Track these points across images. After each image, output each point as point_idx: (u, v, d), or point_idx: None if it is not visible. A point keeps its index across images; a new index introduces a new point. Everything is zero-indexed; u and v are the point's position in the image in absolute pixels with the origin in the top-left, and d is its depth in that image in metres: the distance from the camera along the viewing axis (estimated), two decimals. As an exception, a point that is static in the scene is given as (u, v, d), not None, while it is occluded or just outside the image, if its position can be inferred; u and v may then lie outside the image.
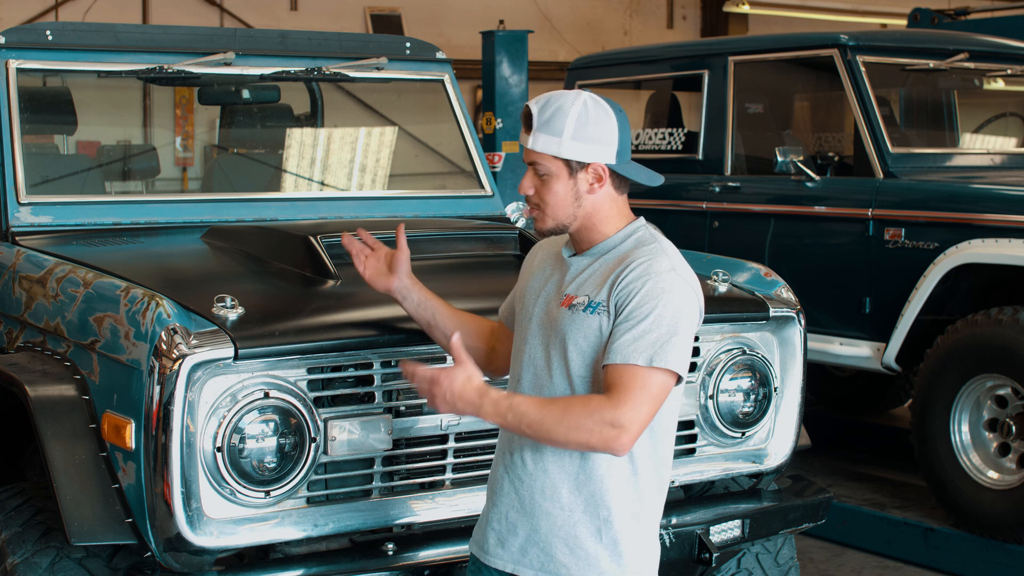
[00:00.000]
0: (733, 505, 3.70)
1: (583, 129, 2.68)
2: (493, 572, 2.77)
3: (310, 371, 3.13)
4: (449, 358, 3.24)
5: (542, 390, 2.72)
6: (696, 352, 3.61)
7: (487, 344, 3.01)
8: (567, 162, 2.69)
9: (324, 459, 3.13)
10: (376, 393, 3.20)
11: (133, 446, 2.97)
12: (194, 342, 2.93)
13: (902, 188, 6.02)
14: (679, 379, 2.63)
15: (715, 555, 3.52)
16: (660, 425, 2.70)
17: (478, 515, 2.87)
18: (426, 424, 3.26)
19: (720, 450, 3.72)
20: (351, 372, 3.18)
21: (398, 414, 3.23)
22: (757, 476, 3.79)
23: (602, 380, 2.61)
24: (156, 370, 2.92)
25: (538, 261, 2.89)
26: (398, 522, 3.22)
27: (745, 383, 3.69)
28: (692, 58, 7.33)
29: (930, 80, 6.79)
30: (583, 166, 2.70)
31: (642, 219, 2.79)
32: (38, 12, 12.70)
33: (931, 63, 6.56)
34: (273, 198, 4.55)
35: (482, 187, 4.80)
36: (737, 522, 3.62)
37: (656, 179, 2.84)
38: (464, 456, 3.33)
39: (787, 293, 3.81)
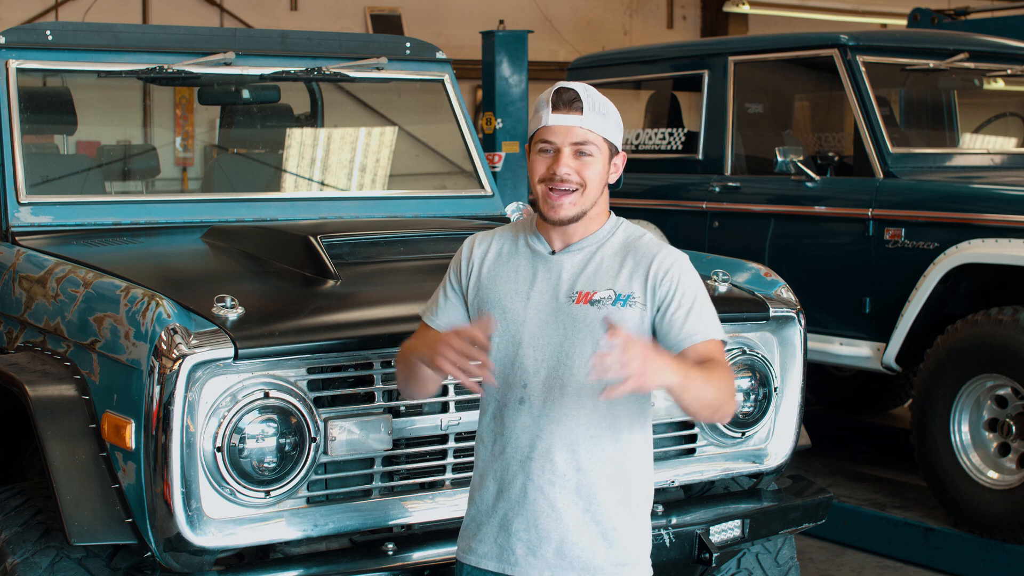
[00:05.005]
0: (733, 505, 3.70)
1: (618, 118, 2.78)
2: None
3: (310, 371, 3.12)
4: None
5: (564, 389, 2.67)
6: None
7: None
8: (610, 145, 2.75)
9: (324, 459, 3.13)
10: (376, 393, 3.20)
11: (133, 446, 2.97)
12: (194, 342, 2.93)
13: (902, 188, 6.02)
14: None
15: (715, 555, 3.52)
16: (649, 405, 2.78)
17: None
18: (426, 424, 3.26)
19: (720, 450, 3.72)
20: (351, 372, 3.18)
21: (398, 414, 3.22)
22: (757, 476, 3.79)
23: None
24: (156, 370, 2.92)
25: (498, 262, 2.82)
26: (398, 522, 3.22)
27: (745, 383, 3.69)
28: (692, 58, 7.34)
29: (930, 80, 6.79)
30: (616, 151, 2.78)
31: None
32: (38, 12, 12.69)
33: (931, 63, 6.56)
34: (273, 198, 4.55)
35: (482, 187, 4.80)
36: (737, 522, 3.62)
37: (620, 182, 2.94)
38: (464, 456, 3.32)
39: (787, 293, 3.81)
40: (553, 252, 2.77)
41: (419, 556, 3.18)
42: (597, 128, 2.72)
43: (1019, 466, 5.48)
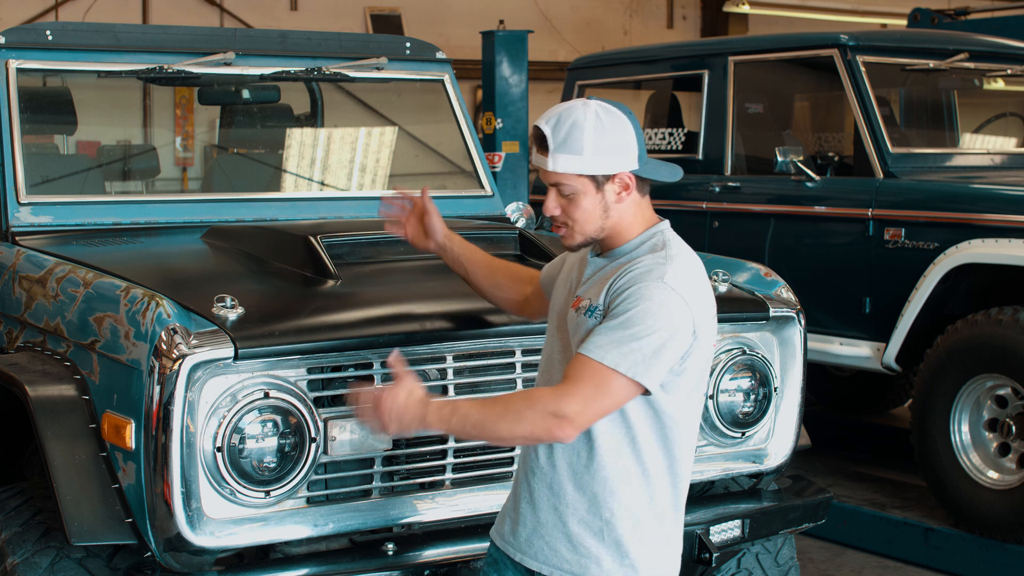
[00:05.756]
0: (733, 505, 3.70)
1: (602, 141, 2.64)
2: (507, 560, 2.79)
3: (310, 371, 3.12)
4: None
5: (550, 383, 2.74)
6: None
7: (520, 293, 3.12)
8: (592, 177, 2.66)
9: (324, 459, 3.13)
10: (376, 393, 3.20)
11: (133, 446, 2.97)
12: (194, 342, 2.93)
13: (902, 188, 6.02)
14: (646, 391, 2.57)
15: (715, 555, 3.52)
16: (673, 432, 2.68)
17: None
18: (426, 424, 3.26)
19: (720, 450, 3.72)
20: (351, 372, 3.18)
21: (398, 414, 3.22)
22: (757, 476, 3.79)
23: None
24: (156, 370, 2.92)
25: (572, 256, 2.91)
26: (398, 522, 3.22)
27: (745, 383, 3.69)
28: (692, 58, 7.34)
29: (930, 80, 6.79)
30: (609, 178, 2.67)
31: (665, 223, 2.75)
32: (38, 12, 12.70)
33: (931, 63, 6.56)
34: (273, 198, 4.55)
35: (482, 187, 4.80)
36: (737, 522, 3.62)
37: (676, 173, 2.79)
38: (464, 456, 3.33)
39: (787, 293, 3.81)
40: (598, 255, 2.78)
41: (419, 556, 3.18)
42: (566, 168, 2.65)
43: (1019, 466, 5.48)
